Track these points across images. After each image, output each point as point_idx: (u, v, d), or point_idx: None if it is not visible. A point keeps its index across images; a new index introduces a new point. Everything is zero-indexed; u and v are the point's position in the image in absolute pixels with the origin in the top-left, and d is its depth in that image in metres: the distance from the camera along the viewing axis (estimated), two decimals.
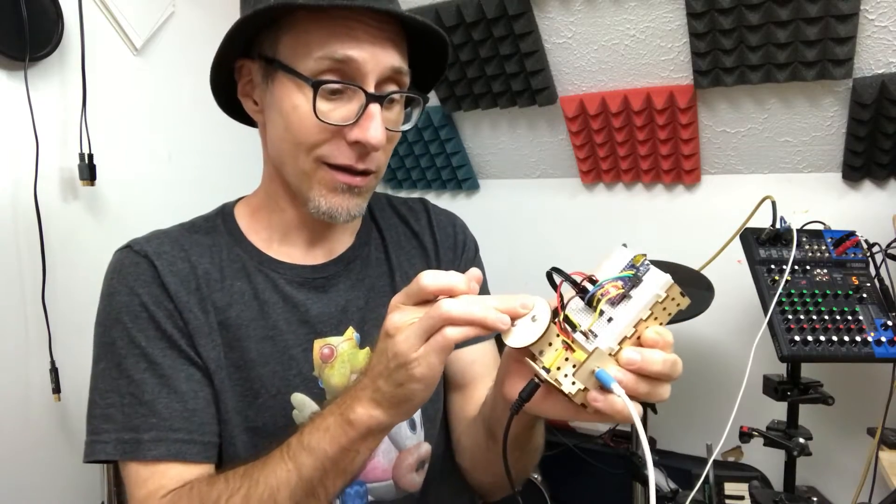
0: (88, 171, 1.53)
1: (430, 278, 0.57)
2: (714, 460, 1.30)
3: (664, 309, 0.54)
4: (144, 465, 0.72)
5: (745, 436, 1.34)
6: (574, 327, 0.54)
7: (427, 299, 0.58)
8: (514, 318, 0.56)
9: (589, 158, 2.00)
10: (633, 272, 0.54)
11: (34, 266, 1.47)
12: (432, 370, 0.56)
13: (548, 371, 0.55)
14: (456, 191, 2.37)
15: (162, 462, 0.72)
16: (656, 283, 0.53)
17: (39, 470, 1.51)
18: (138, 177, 1.71)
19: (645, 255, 0.55)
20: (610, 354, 0.53)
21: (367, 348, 0.83)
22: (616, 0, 1.64)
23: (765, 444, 1.33)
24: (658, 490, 1.45)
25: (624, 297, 0.54)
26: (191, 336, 0.75)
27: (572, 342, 0.54)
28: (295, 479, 0.64)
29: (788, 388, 1.30)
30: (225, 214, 0.85)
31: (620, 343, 0.53)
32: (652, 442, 1.68)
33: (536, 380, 0.57)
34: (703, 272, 1.53)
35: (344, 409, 0.63)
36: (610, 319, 0.54)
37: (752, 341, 1.21)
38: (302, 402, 0.79)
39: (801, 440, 1.29)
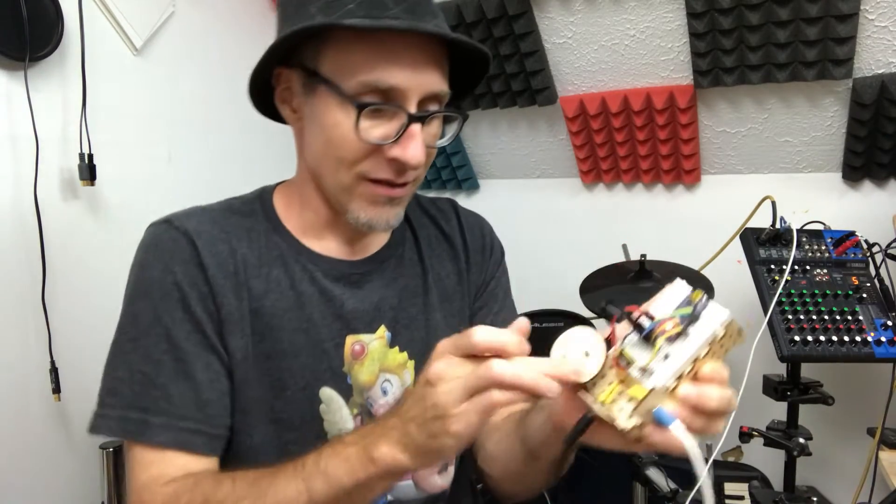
0: (88, 171, 1.53)
1: (483, 335, 0.55)
2: (714, 460, 1.30)
3: (721, 346, 0.54)
4: (150, 450, 0.71)
5: (745, 436, 1.34)
6: (629, 363, 0.54)
7: (475, 354, 0.56)
8: (561, 381, 0.54)
9: (589, 158, 2.00)
10: (690, 309, 0.53)
11: (34, 266, 1.47)
12: (470, 429, 0.55)
13: (602, 405, 0.54)
14: (456, 191, 2.37)
15: (168, 450, 0.71)
16: (715, 320, 0.53)
17: (39, 470, 1.51)
18: (138, 177, 1.70)
19: (703, 291, 0.55)
20: (666, 390, 0.52)
21: (397, 347, 0.83)
22: (616, 0, 1.64)
23: (765, 444, 1.33)
24: (657, 490, 1.45)
25: (681, 334, 0.53)
26: (220, 322, 0.74)
27: (627, 377, 0.54)
28: (304, 501, 0.63)
29: (788, 388, 1.30)
30: (263, 199, 0.84)
31: (677, 379, 0.53)
32: None
33: (590, 414, 0.56)
34: (703, 272, 1.53)
35: (368, 444, 0.61)
36: (666, 356, 0.53)
37: (751, 341, 1.21)
38: (329, 397, 0.78)
39: (801, 440, 1.29)
